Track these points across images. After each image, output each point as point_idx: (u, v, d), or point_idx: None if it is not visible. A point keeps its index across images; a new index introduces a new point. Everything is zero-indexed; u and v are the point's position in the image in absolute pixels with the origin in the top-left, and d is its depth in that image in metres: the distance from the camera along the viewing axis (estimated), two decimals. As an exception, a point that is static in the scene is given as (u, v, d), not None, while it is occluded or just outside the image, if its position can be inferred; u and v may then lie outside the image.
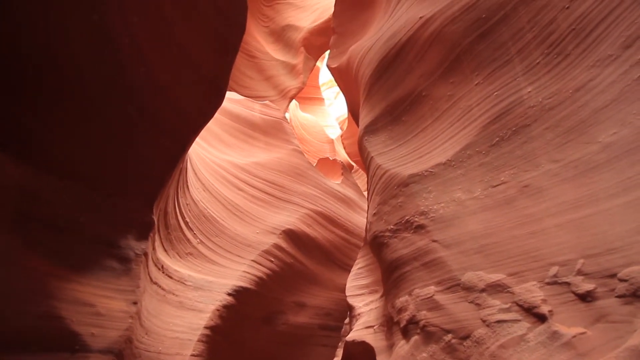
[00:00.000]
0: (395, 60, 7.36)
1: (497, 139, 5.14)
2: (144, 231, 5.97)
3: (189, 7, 5.44)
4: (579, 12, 4.68)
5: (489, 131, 5.26)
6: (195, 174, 10.77)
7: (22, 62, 4.46)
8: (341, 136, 30.49)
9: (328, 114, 38.18)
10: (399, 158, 6.66)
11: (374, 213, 6.51)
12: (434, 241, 5.03)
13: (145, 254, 6.16)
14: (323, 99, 38.44)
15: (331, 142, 32.56)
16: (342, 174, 17.08)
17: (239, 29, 5.76)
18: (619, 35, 4.20)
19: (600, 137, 3.98)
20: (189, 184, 9.87)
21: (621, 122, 3.83)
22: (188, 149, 6.66)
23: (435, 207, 5.30)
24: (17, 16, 4.21)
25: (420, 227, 5.34)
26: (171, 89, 5.58)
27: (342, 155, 31.99)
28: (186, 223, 9.63)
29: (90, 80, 4.92)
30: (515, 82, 5.26)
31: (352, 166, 30.59)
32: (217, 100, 6.16)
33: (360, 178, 28.02)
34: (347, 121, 30.57)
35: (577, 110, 4.36)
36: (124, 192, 5.69)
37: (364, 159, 7.92)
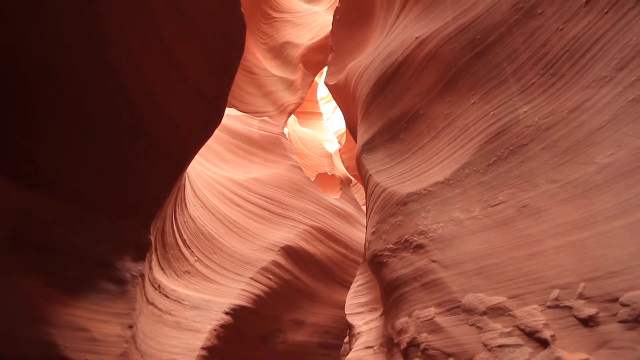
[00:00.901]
0: (392, 79, 7.43)
1: (495, 158, 5.15)
2: (141, 252, 5.91)
3: (188, 29, 5.51)
4: (572, 34, 4.76)
5: (487, 150, 5.28)
6: (194, 190, 10.74)
7: (21, 83, 4.48)
8: (339, 150, 30.59)
9: (326, 128, 38.40)
10: (397, 176, 6.66)
11: (373, 232, 6.47)
12: (434, 261, 4.99)
13: (142, 275, 6.09)
14: (321, 114, 38.72)
15: (329, 156, 32.65)
16: (341, 189, 17.07)
17: (238, 50, 5.83)
18: (612, 57, 4.26)
19: (597, 158, 3.99)
20: (187, 201, 9.84)
21: (617, 144, 3.85)
22: (186, 168, 6.66)
23: (434, 226, 5.28)
24: (15, 36, 4.25)
25: (419, 247, 5.30)
26: (170, 109, 5.61)
27: (341, 169, 32.04)
28: (184, 241, 9.56)
29: (88, 100, 4.95)
30: (511, 102, 5.31)
31: (351, 180, 30.61)
32: (215, 120, 6.19)
33: (359, 192, 28.01)
34: (345, 135, 30.73)
35: (574, 131, 4.38)
36: (121, 213, 5.66)
37: (362, 176, 7.92)
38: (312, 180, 19.55)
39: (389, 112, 7.47)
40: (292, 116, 31.12)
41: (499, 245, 4.40)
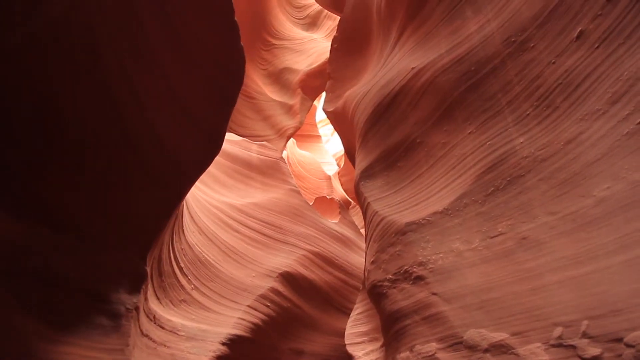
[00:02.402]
0: (389, 107, 7.54)
1: (493, 188, 5.16)
2: (137, 283, 5.82)
3: (189, 63, 5.62)
4: (565, 68, 4.86)
5: (484, 180, 5.30)
6: (192, 217, 10.69)
7: (23, 117, 4.52)
8: (338, 173, 30.68)
9: (325, 151, 38.63)
10: (395, 204, 6.65)
11: (372, 261, 6.40)
12: (434, 294, 4.92)
13: (137, 308, 5.97)
14: (320, 136, 39.04)
15: (328, 178, 32.69)
16: (340, 213, 17.01)
17: (238, 83, 5.93)
18: (605, 91, 4.34)
19: (594, 190, 4.00)
20: (184, 228, 9.77)
21: (614, 177, 3.87)
22: (184, 197, 6.65)
23: (433, 257, 5.23)
24: (19, 73, 4.32)
25: (419, 278, 5.23)
26: (169, 140, 5.64)
27: (340, 192, 32.03)
28: (180, 269, 9.43)
29: (89, 134, 4.98)
30: (507, 133, 5.37)
31: (350, 203, 30.55)
32: (214, 150, 6.22)
33: (358, 214, 27.89)
34: (344, 157, 30.87)
35: (570, 163, 4.41)
36: (117, 244, 5.60)
37: (360, 203, 7.91)
38: (311, 204, 19.51)
39: (387, 139, 7.53)
40: (291, 139, 31.36)
41: (500, 279, 4.35)
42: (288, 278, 12.07)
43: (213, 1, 5.57)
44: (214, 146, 6.15)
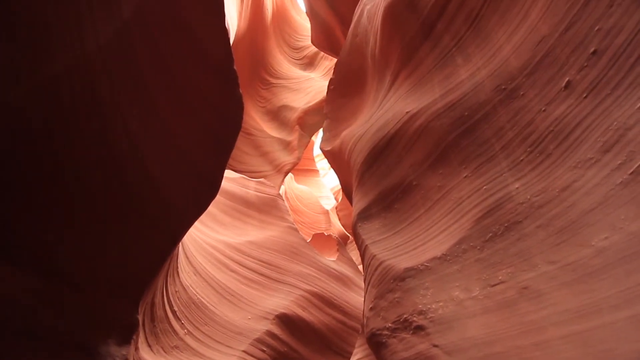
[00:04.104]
0: (385, 149, 7.64)
1: (491, 234, 5.12)
2: (127, 334, 5.61)
3: (187, 110, 5.74)
4: (555, 116, 4.97)
5: (482, 226, 5.27)
6: (187, 257, 10.51)
7: (18, 165, 4.52)
8: (336, 207, 30.61)
9: (323, 185, 38.77)
10: (393, 248, 6.58)
11: (371, 307, 6.24)
12: (435, 346, 4.75)
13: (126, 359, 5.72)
14: (318, 170, 39.33)
15: (326, 213, 32.60)
16: (338, 250, 16.80)
17: (235, 129, 6.04)
18: (596, 140, 4.41)
19: (592, 240, 3.97)
20: (179, 269, 9.58)
21: (611, 227, 3.86)
22: (179, 242, 6.57)
23: (433, 306, 5.10)
24: (19, 121, 4.37)
25: (419, 328, 5.08)
26: (166, 186, 5.65)
27: (337, 226, 31.82)
28: (174, 312, 9.15)
29: (84, 181, 4.98)
30: (502, 178, 5.40)
31: (348, 237, 30.26)
32: (211, 195, 6.23)
33: (356, 250, 27.55)
34: (341, 192, 30.96)
35: (566, 210, 4.41)
36: (109, 292, 5.46)
37: (358, 245, 7.82)
38: (309, 240, 19.29)
39: (383, 181, 7.57)
40: (289, 173, 31.53)
41: (503, 331, 4.22)
42: (285, 320, 11.71)
43: (212, 52, 5.78)
44: (211, 191, 6.16)
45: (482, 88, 6.07)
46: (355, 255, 23.69)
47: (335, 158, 10.78)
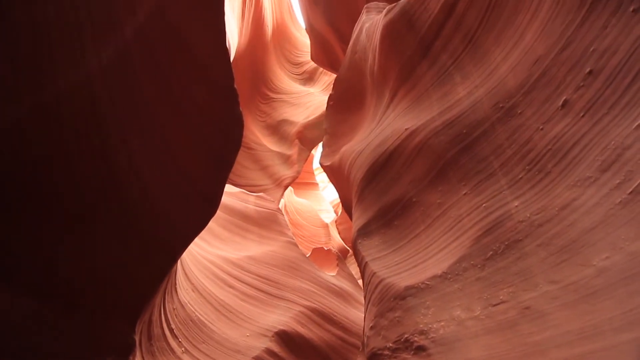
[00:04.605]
0: (384, 166, 7.66)
1: (491, 252, 5.10)
2: (124, 354, 5.52)
3: (187, 127, 5.77)
4: (553, 134, 5.00)
5: (482, 244, 5.24)
6: (185, 274, 10.42)
7: (15, 180, 4.51)
8: (336, 221, 30.51)
9: (322, 198, 38.73)
10: (394, 265, 6.53)
11: (371, 326, 6.15)
12: (437, 367, 4.67)
13: (122, 381, 5.61)
14: (317, 184, 39.34)
15: (326, 226, 32.47)
16: (338, 265, 16.68)
17: (235, 145, 6.06)
18: (594, 159, 4.43)
19: (594, 260, 3.95)
20: (177, 286, 9.49)
21: (612, 247, 3.84)
22: (178, 259, 6.52)
23: (434, 325, 5.03)
24: (16, 137, 4.37)
25: (421, 349, 5.00)
26: (165, 204, 5.64)
27: (337, 240, 31.65)
28: (171, 330, 9.02)
29: (83, 199, 4.96)
30: (502, 195, 5.40)
31: (347, 251, 30.08)
32: (210, 213, 6.21)
33: (356, 264, 27.34)
34: (341, 205, 30.89)
35: (567, 229, 4.40)
36: (106, 312, 5.39)
37: (358, 262, 7.77)
38: (308, 255, 19.16)
39: (383, 197, 7.56)
40: (289, 187, 31.52)
41: (505, 353, 4.16)
42: (284, 337, 11.53)
43: (213, 70, 5.84)
44: (211, 208, 6.14)
45: (480, 106, 6.12)
46: (355, 269, 23.50)
47: (335, 173, 10.80)
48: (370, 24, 10.19)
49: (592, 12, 4.83)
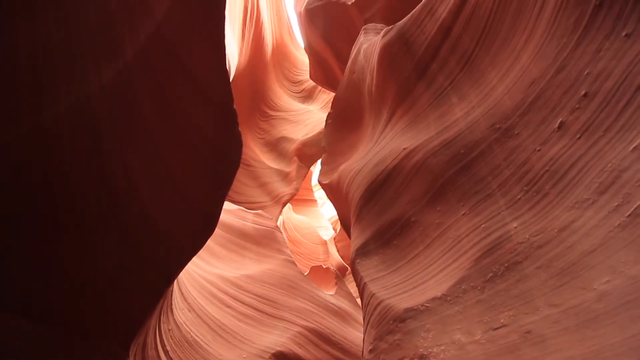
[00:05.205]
0: (383, 185, 7.66)
1: (491, 274, 5.04)
2: (116, 379, 5.38)
3: (187, 148, 5.79)
4: (550, 156, 5.03)
5: (482, 265, 5.20)
6: (182, 293, 10.27)
7: (12, 199, 4.47)
8: (334, 238, 30.32)
9: (321, 215, 38.58)
10: (392, 286, 6.45)
11: (370, 349, 6.03)
12: (438, 394, 4.56)
13: (114, 407, 5.44)
14: (316, 200, 39.27)
15: (324, 243, 32.23)
16: (336, 284, 16.48)
17: (234, 166, 6.07)
18: (591, 181, 4.44)
19: (594, 283, 3.91)
20: (173, 306, 9.33)
21: (612, 270, 3.81)
22: (174, 280, 6.43)
23: (435, 349, 4.93)
24: (15, 158, 4.36)
25: (421, 374, 4.88)
26: (163, 223, 5.60)
27: (336, 257, 31.37)
28: (166, 352, 8.81)
29: (79, 217, 4.92)
30: (500, 216, 5.39)
31: (346, 269, 29.77)
32: (208, 232, 6.17)
33: (354, 282, 27.01)
34: (340, 222, 30.77)
35: (566, 252, 4.37)
36: (99, 334, 5.27)
37: (357, 282, 7.68)
38: (307, 273, 18.94)
39: (381, 217, 7.53)
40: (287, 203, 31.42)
41: (507, 379, 4.07)
42: (281, 359, 11.29)
43: (213, 91, 5.91)
44: (209, 228, 6.10)
45: (477, 126, 6.18)
46: (353, 287, 23.22)
47: (333, 192, 10.79)
48: (368, 45, 10.37)
49: (586, 36, 4.94)
